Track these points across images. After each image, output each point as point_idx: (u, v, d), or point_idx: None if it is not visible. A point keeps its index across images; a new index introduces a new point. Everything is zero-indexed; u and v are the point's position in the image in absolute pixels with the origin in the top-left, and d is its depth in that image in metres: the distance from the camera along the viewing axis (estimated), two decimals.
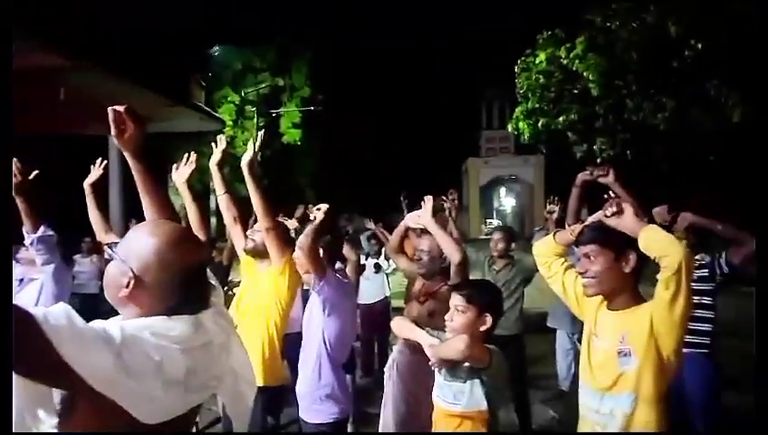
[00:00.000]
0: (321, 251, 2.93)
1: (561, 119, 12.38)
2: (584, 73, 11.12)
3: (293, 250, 2.93)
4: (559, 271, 2.23)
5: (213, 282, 1.50)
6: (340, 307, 2.96)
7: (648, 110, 10.65)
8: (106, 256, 1.41)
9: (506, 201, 43.78)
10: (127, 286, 1.23)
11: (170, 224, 1.38)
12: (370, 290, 6.17)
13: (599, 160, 12.92)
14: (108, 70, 7.62)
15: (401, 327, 2.75)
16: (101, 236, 3.34)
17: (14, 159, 2.75)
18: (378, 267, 6.25)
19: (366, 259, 6.27)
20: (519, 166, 38.06)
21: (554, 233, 2.32)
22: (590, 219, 2.12)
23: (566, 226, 2.86)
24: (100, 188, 3.38)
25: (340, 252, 3.50)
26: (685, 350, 3.44)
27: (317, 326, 2.93)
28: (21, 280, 3.42)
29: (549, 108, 12.60)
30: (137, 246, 1.26)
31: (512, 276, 4.35)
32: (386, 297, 6.27)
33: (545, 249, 2.29)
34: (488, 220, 38.77)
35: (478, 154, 40.24)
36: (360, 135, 29.27)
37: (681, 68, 10.25)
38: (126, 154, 1.67)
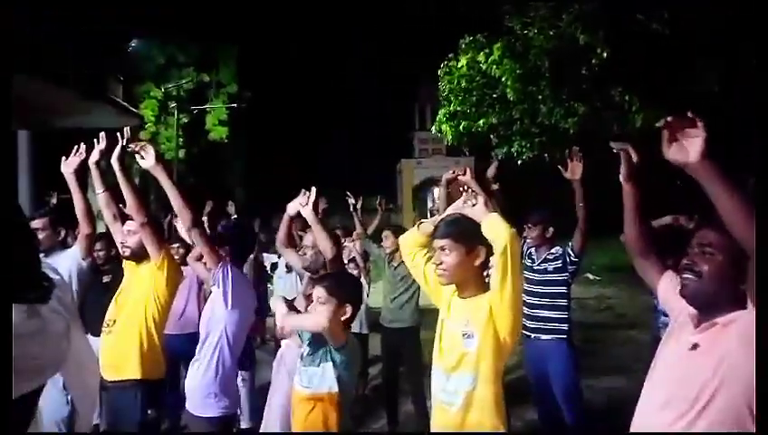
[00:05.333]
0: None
1: (481, 122, 12.78)
2: (502, 78, 11.54)
3: (169, 245, 2.97)
4: (421, 262, 2.41)
5: (54, 275, 1.52)
6: (241, 300, 3.06)
7: (560, 114, 11.20)
8: None
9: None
10: None
11: None
12: (284, 289, 6.20)
13: (519, 162, 13.46)
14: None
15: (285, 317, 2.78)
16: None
17: None
18: (289, 267, 6.27)
19: (279, 258, 6.32)
20: (450, 167, 38.81)
21: (418, 224, 2.49)
22: (449, 210, 2.31)
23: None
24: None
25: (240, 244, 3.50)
26: (544, 336, 3.73)
27: (219, 321, 3.02)
28: None
29: (470, 111, 12.97)
30: None
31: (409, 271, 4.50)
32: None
33: (411, 240, 2.46)
34: (422, 220, 39.27)
35: (411, 155, 40.75)
36: (295, 135, 29.01)
37: (590, 75, 10.84)
38: None
